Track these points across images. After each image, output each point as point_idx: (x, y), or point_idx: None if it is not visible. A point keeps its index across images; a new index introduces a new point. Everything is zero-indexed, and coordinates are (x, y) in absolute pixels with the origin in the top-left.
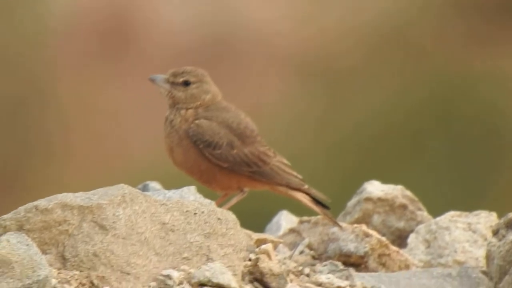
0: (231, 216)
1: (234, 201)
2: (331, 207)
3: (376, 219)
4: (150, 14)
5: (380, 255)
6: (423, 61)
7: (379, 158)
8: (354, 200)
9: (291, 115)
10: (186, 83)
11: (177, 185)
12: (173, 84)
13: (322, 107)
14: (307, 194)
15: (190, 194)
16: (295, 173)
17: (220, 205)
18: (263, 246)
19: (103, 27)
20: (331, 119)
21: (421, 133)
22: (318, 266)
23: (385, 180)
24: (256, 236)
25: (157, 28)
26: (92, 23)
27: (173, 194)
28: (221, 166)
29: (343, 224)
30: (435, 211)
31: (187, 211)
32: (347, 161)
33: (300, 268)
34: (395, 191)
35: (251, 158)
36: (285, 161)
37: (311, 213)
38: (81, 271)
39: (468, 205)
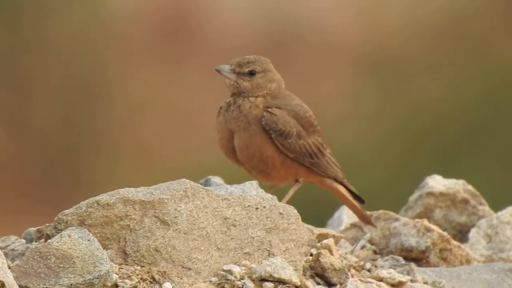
0: (293, 211)
1: (291, 192)
2: (394, 202)
3: (438, 213)
4: (209, 8)
5: (441, 250)
6: (482, 56)
7: (439, 151)
8: (416, 194)
9: (347, 105)
10: (252, 73)
11: (239, 180)
12: (239, 74)
13: (379, 99)
14: (347, 188)
15: (252, 189)
16: (339, 166)
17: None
18: (325, 241)
19: (162, 26)
20: (388, 111)
21: (482, 127)
22: (380, 261)
23: (445, 173)
24: (318, 231)
25: (217, 23)
26: (151, 23)
27: (235, 188)
28: (287, 155)
29: (405, 219)
30: (497, 206)
31: (249, 205)
32: (405, 154)
33: (362, 263)
34: (457, 186)
35: (314, 149)
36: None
37: (372, 208)
38: (142, 266)
39: None
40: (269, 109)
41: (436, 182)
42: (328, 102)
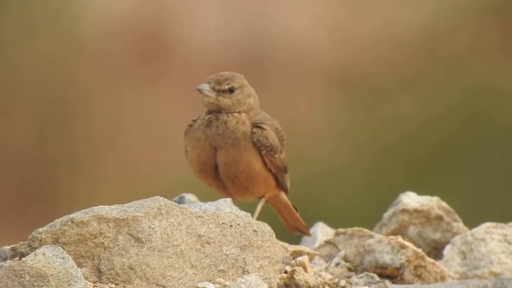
0: (267, 228)
1: (260, 208)
2: (368, 218)
3: (412, 230)
4: (184, 28)
5: (416, 267)
6: (454, 72)
7: (411, 166)
8: (390, 211)
9: (320, 122)
10: (231, 90)
11: (213, 197)
12: (219, 91)
13: (350, 115)
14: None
15: (226, 206)
16: None
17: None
18: (299, 258)
19: (137, 45)
20: (359, 126)
21: (457, 144)
22: (354, 278)
23: (419, 188)
24: (292, 248)
25: (192, 42)
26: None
27: (209, 206)
28: (270, 171)
29: (379, 236)
30: (471, 222)
31: (223, 223)
32: (382, 172)
33: (336, 280)
34: (431, 203)
35: (285, 164)
36: None
37: (347, 225)
38: (116, 284)
39: (504, 216)
40: (259, 125)
41: (410, 199)
42: (301, 119)
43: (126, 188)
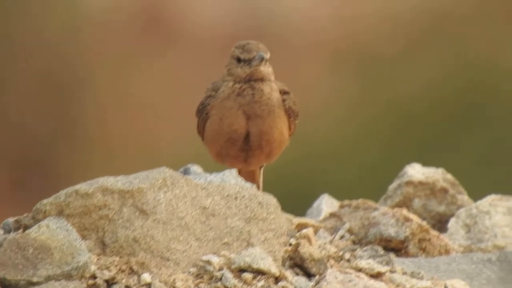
0: (272, 200)
1: (261, 178)
2: (374, 191)
3: (417, 203)
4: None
5: (420, 240)
6: (462, 49)
7: (419, 140)
8: (395, 183)
9: (325, 98)
10: (266, 60)
11: (218, 169)
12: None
13: (356, 91)
14: None
15: (231, 178)
16: None
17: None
18: (304, 231)
19: (137, 20)
20: (365, 103)
21: (461, 117)
22: (359, 251)
23: (425, 162)
24: (297, 220)
25: (192, 19)
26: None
27: (214, 177)
28: (289, 136)
29: (384, 208)
30: (476, 195)
31: (228, 195)
32: (389, 147)
33: (341, 253)
34: (436, 175)
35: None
36: None
37: (352, 196)
38: (120, 257)
39: (509, 188)
40: (286, 91)
41: (415, 171)
42: (306, 95)
43: (132, 160)
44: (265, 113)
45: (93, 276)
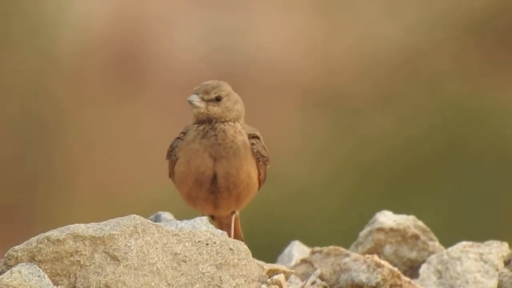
0: (243, 247)
1: (233, 225)
2: (345, 237)
3: (388, 249)
4: (161, 46)
5: (392, 286)
6: (432, 91)
7: (390, 185)
8: (366, 230)
9: (296, 143)
10: (218, 99)
11: (189, 216)
12: (207, 101)
13: (328, 133)
14: None
15: (202, 225)
16: None
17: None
18: (275, 277)
19: (113, 63)
20: (337, 145)
21: (433, 162)
22: None
23: (396, 206)
24: (268, 266)
25: (169, 61)
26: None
27: (185, 224)
28: (259, 181)
29: (355, 255)
30: (447, 241)
31: (199, 241)
32: (359, 192)
33: None
34: (407, 221)
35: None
36: None
37: (323, 243)
38: None
39: (480, 235)
40: (255, 135)
41: (386, 218)
42: (278, 138)
43: (103, 206)
44: (230, 154)
45: None
